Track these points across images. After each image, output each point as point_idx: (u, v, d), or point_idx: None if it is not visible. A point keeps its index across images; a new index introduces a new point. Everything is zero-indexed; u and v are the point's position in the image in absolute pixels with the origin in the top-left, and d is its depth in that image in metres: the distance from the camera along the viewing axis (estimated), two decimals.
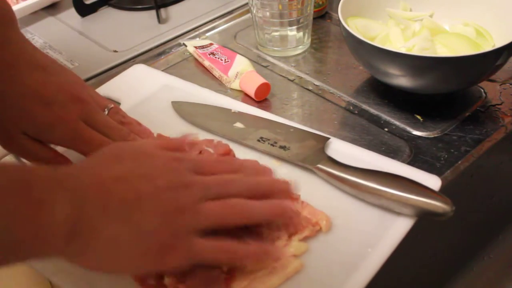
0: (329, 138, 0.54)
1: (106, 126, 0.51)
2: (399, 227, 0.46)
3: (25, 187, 0.34)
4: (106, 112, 0.53)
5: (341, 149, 0.54)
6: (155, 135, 0.56)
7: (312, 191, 0.49)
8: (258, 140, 0.55)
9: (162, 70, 0.72)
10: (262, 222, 0.42)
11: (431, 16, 0.69)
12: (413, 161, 0.56)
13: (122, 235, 0.36)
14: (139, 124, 0.56)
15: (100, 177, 0.37)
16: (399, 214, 0.47)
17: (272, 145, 0.54)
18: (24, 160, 0.53)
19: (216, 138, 0.56)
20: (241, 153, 0.54)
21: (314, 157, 0.52)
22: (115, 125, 0.52)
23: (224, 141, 0.56)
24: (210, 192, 0.39)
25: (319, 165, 0.50)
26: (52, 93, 0.48)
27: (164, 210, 0.37)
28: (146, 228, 0.36)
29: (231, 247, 0.39)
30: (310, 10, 0.72)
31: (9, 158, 0.59)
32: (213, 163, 0.43)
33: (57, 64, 0.52)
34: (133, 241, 0.36)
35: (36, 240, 0.34)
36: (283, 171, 0.52)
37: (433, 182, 0.49)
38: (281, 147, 0.54)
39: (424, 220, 0.47)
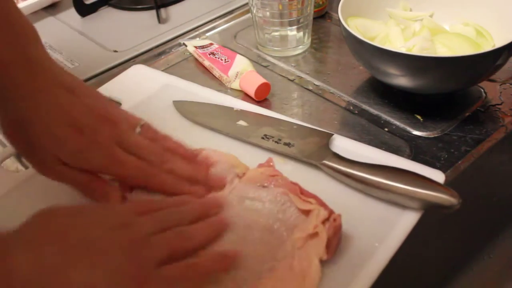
0: (332, 134, 0.55)
1: (139, 147, 0.48)
2: (406, 220, 0.46)
3: None
4: (138, 130, 0.50)
5: (344, 146, 0.54)
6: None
7: (317, 187, 0.48)
8: (262, 138, 0.55)
9: (162, 70, 0.72)
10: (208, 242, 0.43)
11: (431, 16, 0.69)
12: (413, 161, 0.56)
13: (94, 280, 0.35)
14: (170, 138, 0.53)
15: (51, 229, 0.37)
16: (405, 208, 0.47)
17: (276, 142, 0.54)
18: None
19: (219, 137, 0.57)
20: (245, 151, 0.55)
21: (320, 153, 0.52)
22: (147, 145, 0.49)
23: (228, 139, 0.57)
24: (156, 226, 0.41)
25: (325, 161, 0.51)
26: (81, 117, 0.46)
27: (121, 246, 0.37)
28: (113, 266, 0.36)
29: (196, 263, 0.40)
30: (310, 10, 0.72)
31: (10, 161, 0.59)
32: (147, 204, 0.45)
33: (84, 84, 0.50)
34: (104, 283, 0.35)
35: None
36: (288, 168, 0.52)
37: (437, 177, 0.49)
38: (285, 144, 0.54)
39: (424, 220, 0.47)
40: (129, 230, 0.39)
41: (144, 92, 0.65)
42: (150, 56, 0.77)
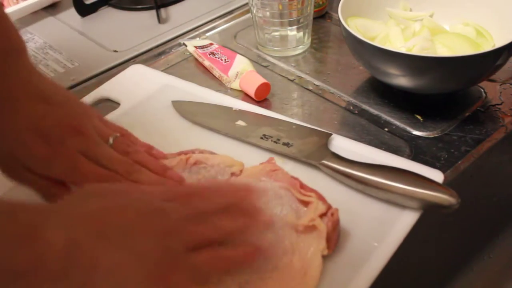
0: (331, 134, 0.55)
1: (106, 159, 0.49)
2: (405, 220, 0.47)
3: (13, 216, 0.33)
4: (111, 142, 0.51)
5: (343, 145, 0.54)
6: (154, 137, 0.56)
7: (316, 186, 0.49)
8: (261, 138, 0.55)
9: (162, 70, 0.72)
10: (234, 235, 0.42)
11: (431, 16, 0.69)
12: (412, 161, 0.55)
13: (122, 262, 0.35)
14: (151, 148, 0.54)
15: (87, 208, 0.37)
16: (404, 207, 0.47)
17: (275, 142, 0.54)
18: None
19: (218, 137, 0.57)
20: (244, 151, 0.55)
21: (319, 153, 0.52)
22: (116, 157, 0.50)
23: (227, 139, 0.57)
24: (187, 213, 0.40)
25: (324, 161, 0.51)
26: (51, 126, 0.47)
27: (155, 231, 0.38)
28: (142, 250, 0.36)
29: (226, 254, 0.40)
30: (310, 10, 0.72)
31: None
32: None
33: (63, 93, 0.51)
34: (133, 266, 0.36)
35: (33, 274, 0.32)
36: (287, 168, 0.52)
37: (436, 176, 0.49)
38: (284, 144, 0.54)
39: (424, 220, 0.47)
40: (161, 215, 0.39)
41: (143, 92, 0.65)
42: (150, 56, 0.77)
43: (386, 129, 0.60)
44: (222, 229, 0.41)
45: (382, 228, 0.46)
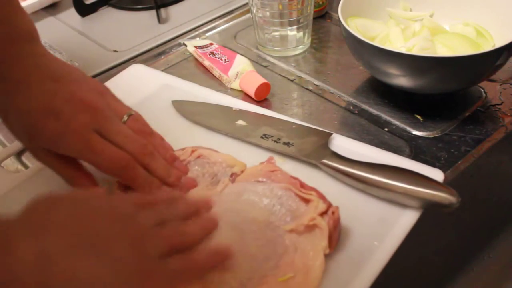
0: (331, 134, 0.55)
1: (120, 135, 0.48)
2: (405, 219, 0.47)
3: None
4: (125, 119, 0.50)
5: (343, 145, 0.54)
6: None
7: (317, 186, 0.49)
8: (262, 137, 0.55)
9: (162, 70, 0.72)
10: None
11: (431, 16, 0.69)
12: (412, 160, 0.55)
13: (97, 271, 0.34)
14: (162, 139, 0.54)
15: (56, 217, 0.36)
16: (404, 207, 0.47)
17: (275, 141, 0.54)
18: None
19: (218, 136, 0.57)
20: (245, 150, 0.55)
21: (319, 152, 0.52)
22: (130, 134, 0.49)
23: (227, 138, 0.57)
24: (156, 219, 0.39)
25: (324, 160, 0.51)
26: (61, 104, 0.47)
27: (127, 236, 0.37)
28: (117, 257, 0.35)
29: (195, 258, 0.39)
30: (310, 10, 0.72)
31: (10, 162, 0.59)
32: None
33: (76, 73, 0.50)
34: (110, 274, 0.35)
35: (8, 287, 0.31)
36: (287, 167, 0.52)
37: (437, 176, 0.49)
38: (284, 143, 0.54)
39: (424, 219, 0.47)
40: (132, 222, 0.38)
41: (143, 92, 0.65)
42: (150, 56, 0.77)
43: (386, 129, 0.61)
44: (187, 233, 0.40)
45: (382, 227, 0.46)
